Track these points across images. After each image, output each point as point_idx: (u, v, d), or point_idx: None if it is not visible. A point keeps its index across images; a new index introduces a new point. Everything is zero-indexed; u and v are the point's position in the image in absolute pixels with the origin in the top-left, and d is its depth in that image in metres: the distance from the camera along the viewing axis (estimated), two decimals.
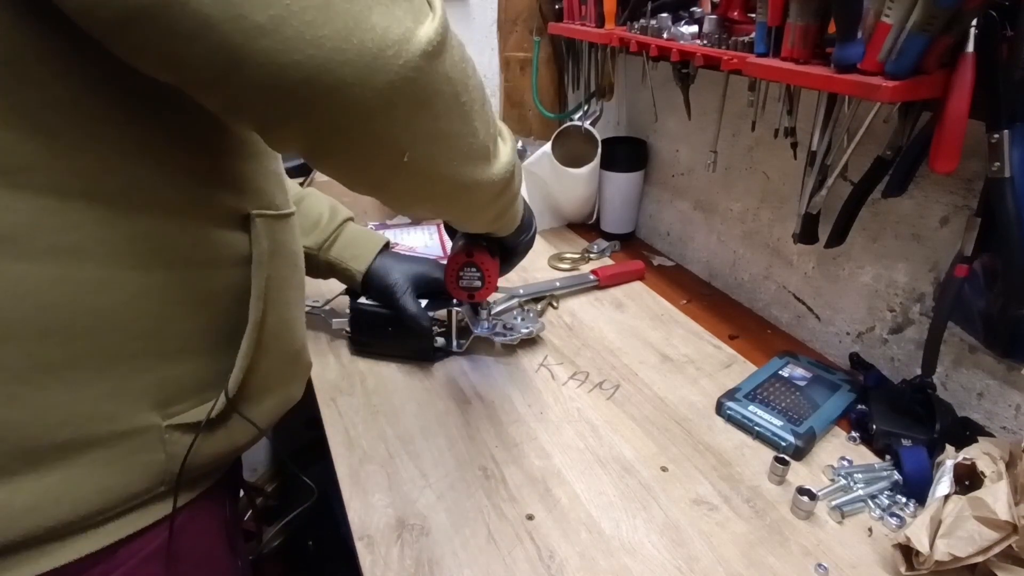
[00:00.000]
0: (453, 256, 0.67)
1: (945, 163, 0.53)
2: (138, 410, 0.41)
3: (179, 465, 0.44)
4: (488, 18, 1.26)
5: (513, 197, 0.55)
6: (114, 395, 0.40)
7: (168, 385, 0.43)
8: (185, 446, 0.44)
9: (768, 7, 0.60)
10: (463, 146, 0.42)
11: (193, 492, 0.47)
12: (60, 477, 0.38)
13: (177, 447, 0.44)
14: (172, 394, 0.43)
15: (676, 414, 0.70)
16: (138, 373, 0.41)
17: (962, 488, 0.52)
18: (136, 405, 0.41)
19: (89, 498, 0.39)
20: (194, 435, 0.44)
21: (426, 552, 0.54)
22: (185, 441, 0.44)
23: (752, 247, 0.93)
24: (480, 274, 0.67)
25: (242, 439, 0.50)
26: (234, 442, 0.49)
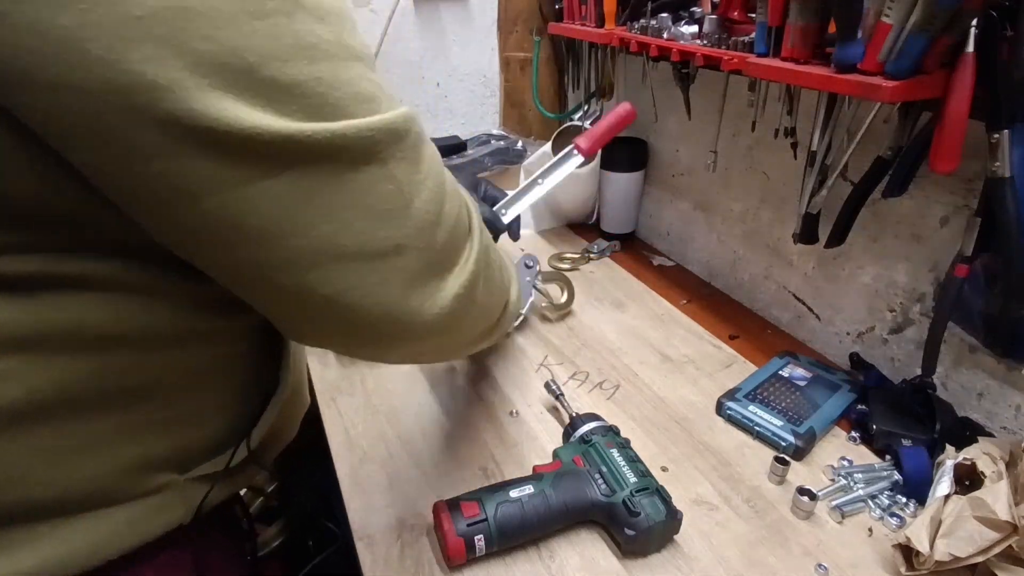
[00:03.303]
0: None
1: (945, 163, 0.53)
2: (161, 472, 0.42)
3: (195, 510, 0.45)
4: (488, 18, 1.26)
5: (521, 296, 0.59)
6: (140, 463, 0.41)
7: (191, 445, 0.44)
8: (202, 493, 0.45)
9: (768, 7, 0.60)
10: (483, 333, 0.48)
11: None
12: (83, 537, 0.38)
13: (194, 498, 0.45)
14: (194, 453, 0.45)
15: (676, 414, 0.70)
16: (164, 439, 0.42)
17: (962, 488, 0.52)
18: (159, 468, 0.42)
19: (108, 552, 0.40)
20: (211, 484, 0.45)
21: (426, 552, 0.54)
22: (202, 490, 0.45)
23: (752, 247, 0.93)
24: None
25: (251, 479, 0.51)
26: (244, 483, 0.51)
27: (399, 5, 1.15)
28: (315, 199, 0.31)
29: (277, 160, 0.29)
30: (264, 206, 0.30)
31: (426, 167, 0.36)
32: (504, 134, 1.28)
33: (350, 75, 0.31)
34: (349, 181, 0.32)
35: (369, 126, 0.32)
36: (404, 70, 1.23)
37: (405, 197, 0.34)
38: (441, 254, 0.37)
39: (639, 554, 0.53)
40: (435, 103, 1.29)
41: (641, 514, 0.52)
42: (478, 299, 0.41)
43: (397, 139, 0.34)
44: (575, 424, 0.63)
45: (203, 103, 0.27)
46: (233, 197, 0.30)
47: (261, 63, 0.28)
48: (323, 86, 0.30)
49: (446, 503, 0.53)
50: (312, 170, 0.30)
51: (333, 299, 0.34)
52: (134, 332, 0.37)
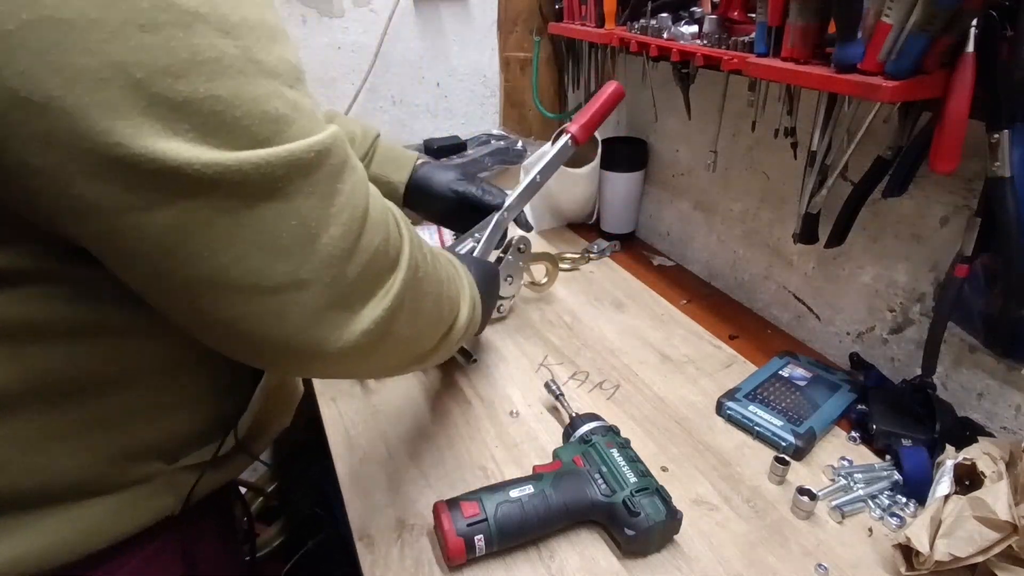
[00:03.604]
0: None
1: (945, 163, 0.53)
2: (147, 460, 0.42)
3: (184, 499, 0.45)
4: (488, 18, 1.25)
5: (477, 321, 0.57)
6: (124, 451, 0.41)
7: (175, 434, 0.44)
8: (190, 482, 0.45)
9: (768, 7, 0.60)
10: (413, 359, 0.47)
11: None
12: (69, 527, 0.39)
13: (183, 487, 0.45)
14: (179, 443, 0.44)
15: (676, 414, 0.70)
16: (147, 427, 0.42)
17: (962, 488, 0.52)
18: (145, 456, 0.42)
19: (97, 542, 0.40)
20: (199, 473, 0.45)
21: (426, 552, 0.54)
22: (191, 479, 0.45)
23: (752, 247, 0.93)
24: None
25: (242, 469, 0.51)
26: (235, 473, 0.50)
27: (399, 5, 1.15)
28: (208, 232, 0.29)
29: (166, 190, 0.28)
30: (153, 235, 0.29)
31: (342, 199, 0.33)
32: (504, 134, 1.28)
33: (256, 93, 0.29)
34: (245, 216, 0.30)
35: (269, 159, 0.29)
36: (404, 70, 1.22)
37: (311, 232, 0.32)
38: (352, 287, 0.35)
39: (639, 554, 0.53)
40: (435, 103, 1.29)
41: (641, 514, 0.52)
42: (398, 331, 0.39)
43: (303, 173, 0.31)
44: (575, 424, 0.63)
45: (85, 123, 0.25)
46: (121, 223, 0.28)
47: (150, 79, 0.26)
48: (221, 104, 0.28)
49: (446, 503, 0.53)
50: (203, 203, 0.29)
51: (230, 325, 0.33)
52: (100, 323, 0.37)
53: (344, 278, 0.34)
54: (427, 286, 0.43)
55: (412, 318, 0.41)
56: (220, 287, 0.31)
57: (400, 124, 1.27)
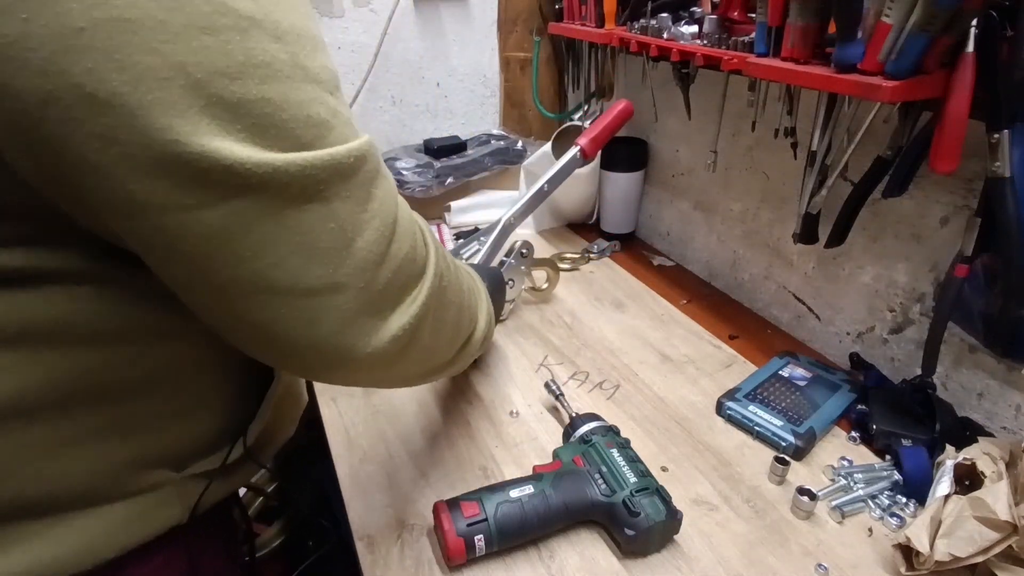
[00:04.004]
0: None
1: (945, 163, 0.53)
2: (156, 468, 0.42)
3: (191, 508, 0.44)
4: (488, 18, 1.25)
5: (492, 333, 0.58)
6: (134, 459, 0.40)
7: (185, 442, 0.44)
8: (198, 491, 0.45)
9: (768, 7, 0.60)
10: (434, 368, 0.48)
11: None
12: (78, 536, 0.38)
13: (190, 496, 0.44)
14: (189, 450, 0.44)
15: (676, 414, 0.70)
16: (158, 435, 0.42)
17: (962, 488, 0.52)
18: (155, 464, 0.42)
19: (105, 552, 0.40)
20: (207, 481, 0.45)
21: (426, 552, 0.54)
22: (198, 487, 0.45)
23: (752, 247, 0.93)
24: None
25: (248, 478, 0.51)
26: (241, 482, 0.50)
27: (399, 5, 1.15)
28: (251, 233, 0.30)
29: (216, 189, 0.28)
30: (198, 234, 0.29)
31: (375, 205, 0.35)
32: (504, 134, 1.28)
33: (301, 97, 0.30)
34: (288, 218, 0.31)
35: (313, 162, 0.30)
36: (404, 70, 1.22)
37: (347, 237, 0.33)
38: (383, 294, 0.36)
39: (639, 554, 0.53)
40: (435, 103, 1.29)
41: (641, 514, 0.52)
42: (423, 339, 0.40)
43: (343, 177, 0.32)
44: (575, 424, 0.63)
45: (146, 120, 0.26)
46: (169, 221, 0.29)
47: (208, 79, 0.27)
48: (271, 107, 0.29)
49: (446, 503, 0.53)
50: (251, 203, 0.29)
51: (263, 327, 0.33)
52: (124, 327, 0.37)
53: (376, 283, 0.35)
54: (451, 295, 0.44)
55: (437, 326, 0.42)
56: (259, 289, 0.32)
57: (400, 124, 1.27)
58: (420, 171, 1.12)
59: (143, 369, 0.39)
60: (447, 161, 1.15)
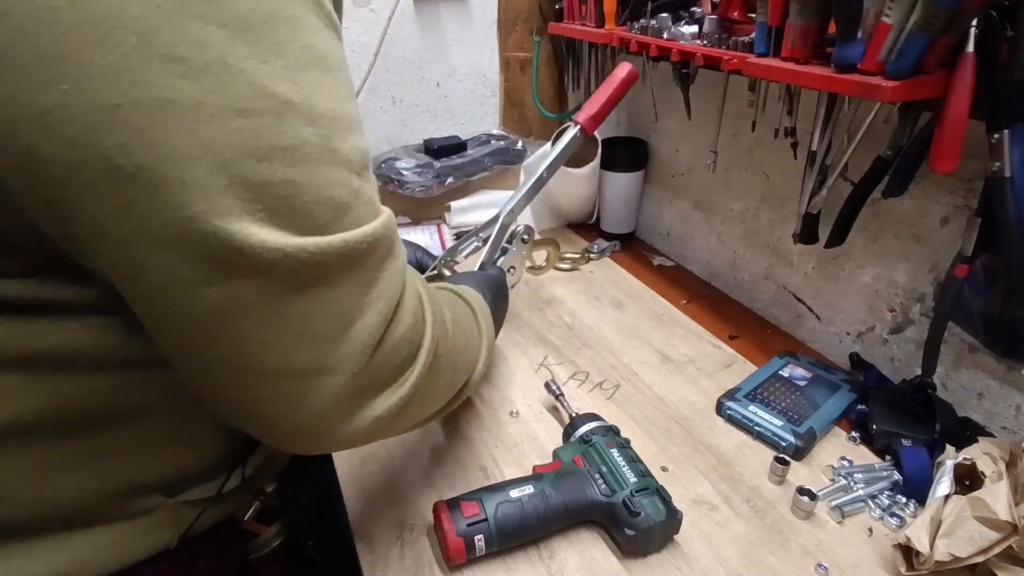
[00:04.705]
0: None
1: (945, 163, 0.53)
2: (149, 494, 0.42)
3: (182, 533, 0.44)
4: (488, 18, 1.25)
5: (490, 364, 0.57)
6: (128, 484, 0.40)
7: (181, 468, 0.43)
8: (191, 517, 0.44)
9: (768, 7, 0.60)
10: (420, 423, 0.47)
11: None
12: (65, 557, 0.38)
13: (183, 521, 0.44)
14: (184, 477, 0.44)
15: (676, 414, 0.70)
16: (153, 461, 0.41)
17: (962, 488, 0.52)
18: (148, 490, 0.41)
19: (90, 574, 0.39)
20: (201, 508, 0.45)
21: (426, 552, 0.54)
22: (192, 514, 0.44)
23: (752, 247, 0.93)
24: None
25: (243, 505, 0.51)
26: (234, 508, 0.50)
27: (399, 5, 1.15)
28: (248, 315, 0.30)
29: (222, 267, 0.28)
30: (195, 310, 0.29)
31: (381, 288, 0.34)
32: (504, 134, 1.28)
33: (325, 180, 0.30)
34: (288, 302, 0.30)
35: (325, 248, 0.30)
36: (404, 70, 1.22)
37: (345, 321, 0.32)
38: (374, 376, 0.35)
39: (639, 554, 0.53)
40: (435, 103, 1.29)
41: (641, 514, 0.52)
42: (409, 414, 0.39)
43: (352, 263, 0.32)
44: (575, 424, 0.63)
45: (166, 196, 0.26)
46: (169, 293, 0.29)
47: (235, 160, 0.27)
48: (294, 189, 0.29)
49: (446, 503, 0.53)
50: (254, 284, 0.29)
51: (244, 405, 0.33)
52: (127, 354, 0.37)
53: (369, 367, 0.34)
54: (445, 362, 0.42)
55: (426, 398, 0.41)
56: (246, 370, 0.31)
57: (400, 124, 1.27)
58: (420, 171, 1.12)
59: (143, 396, 0.39)
60: (447, 161, 1.15)
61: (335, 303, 0.32)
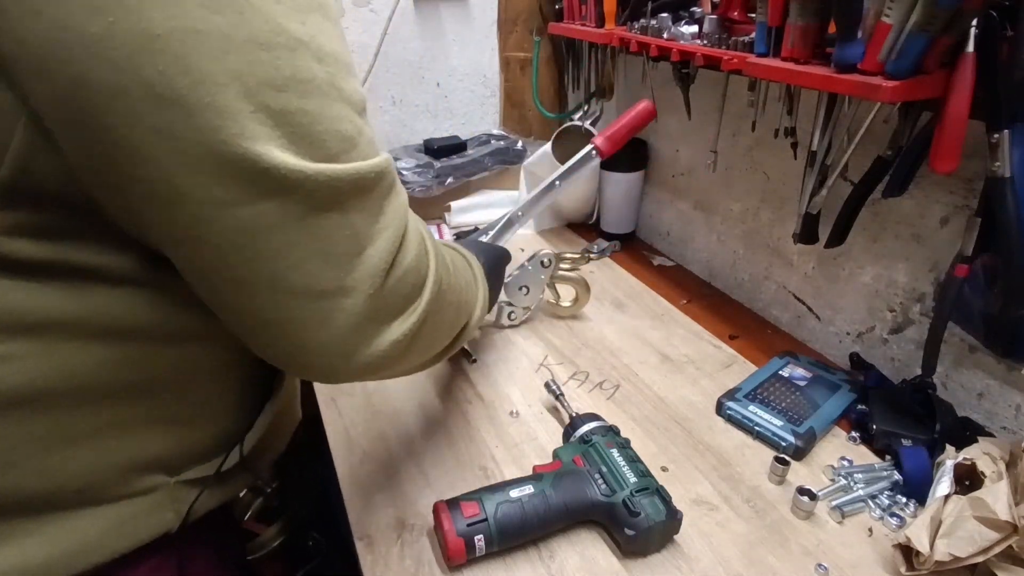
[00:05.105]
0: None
1: (945, 163, 0.53)
2: (151, 472, 0.43)
3: (183, 516, 0.45)
4: (488, 18, 1.25)
5: (485, 317, 0.59)
6: (131, 461, 0.41)
7: (183, 446, 0.45)
8: (191, 497, 0.45)
9: (768, 7, 0.60)
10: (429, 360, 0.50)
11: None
12: (71, 537, 0.39)
13: (183, 502, 0.45)
14: (185, 455, 0.45)
15: (676, 414, 0.70)
16: (156, 438, 0.42)
17: (962, 488, 0.52)
18: (150, 468, 0.43)
19: (96, 557, 0.40)
20: (200, 489, 0.46)
21: (426, 552, 0.54)
22: (191, 494, 0.45)
23: (752, 247, 0.93)
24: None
25: (241, 488, 0.51)
26: (234, 491, 0.51)
27: (399, 5, 1.15)
28: (275, 233, 0.32)
29: (252, 188, 0.31)
30: (229, 228, 0.32)
31: (387, 218, 0.37)
32: (504, 134, 1.28)
33: (334, 113, 0.33)
34: (309, 223, 0.33)
35: (339, 174, 0.33)
36: (404, 70, 1.22)
37: (359, 244, 0.35)
38: (387, 300, 0.38)
39: (639, 554, 0.53)
40: (435, 103, 1.29)
41: (641, 514, 0.52)
42: (421, 341, 0.42)
43: (362, 191, 0.35)
44: (575, 424, 0.63)
45: (201, 120, 0.29)
46: (203, 214, 0.31)
47: (258, 88, 0.30)
48: (308, 118, 0.32)
49: (446, 503, 0.53)
50: (279, 205, 0.32)
51: (274, 325, 0.35)
52: (138, 326, 0.38)
53: (383, 290, 0.37)
54: (449, 296, 0.46)
55: (434, 328, 0.44)
56: (275, 289, 0.34)
57: (400, 124, 1.27)
58: (420, 171, 1.12)
59: (150, 371, 0.40)
60: (447, 161, 1.15)
61: (349, 226, 0.35)
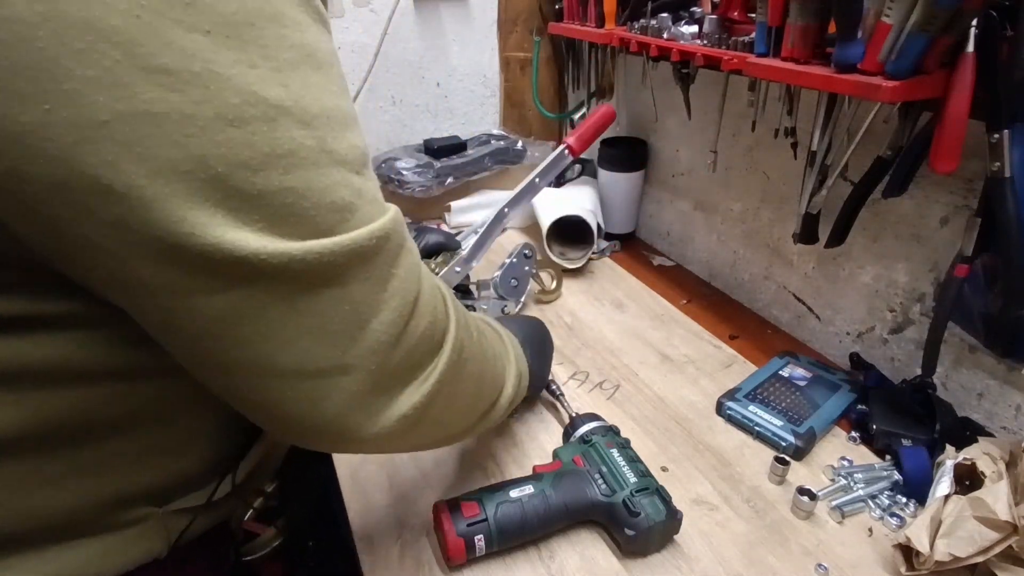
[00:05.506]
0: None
1: (945, 163, 0.53)
2: (138, 505, 0.41)
3: (172, 542, 0.43)
4: (488, 18, 1.25)
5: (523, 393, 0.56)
6: (117, 495, 0.39)
7: (171, 477, 0.42)
8: (181, 526, 0.43)
9: (768, 7, 0.60)
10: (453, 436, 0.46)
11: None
12: (53, 568, 0.37)
13: (173, 530, 0.43)
14: (174, 486, 0.43)
15: (676, 414, 0.70)
16: (142, 471, 0.40)
17: (962, 488, 0.52)
18: (137, 501, 0.41)
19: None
20: (191, 517, 0.44)
21: (426, 552, 0.54)
22: (182, 523, 0.43)
23: (752, 247, 0.93)
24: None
25: (232, 512, 0.50)
26: (226, 515, 0.49)
27: (399, 5, 1.15)
28: (260, 318, 0.29)
29: (228, 277, 0.28)
30: (205, 316, 0.29)
31: (396, 283, 0.33)
32: (504, 134, 1.28)
33: (325, 183, 0.29)
34: (300, 303, 0.30)
35: (333, 249, 0.29)
36: (404, 70, 1.23)
37: (361, 319, 0.32)
38: (394, 373, 0.35)
39: (639, 554, 0.53)
40: (435, 103, 1.29)
41: (641, 514, 0.52)
42: (435, 415, 0.39)
43: (363, 260, 0.31)
44: (575, 424, 0.63)
45: (161, 212, 0.26)
46: (175, 304, 0.28)
47: (229, 172, 0.26)
48: (292, 196, 0.28)
49: (446, 503, 0.53)
50: (262, 289, 0.29)
51: (265, 407, 0.33)
52: (116, 365, 0.36)
53: (388, 364, 0.34)
54: (471, 367, 0.42)
55: (450, 401, 0.40)
56: (263, 371, 0.31)
57: (400, 124, 1.27)
58: (420, 171, 1.12)
59: (129, 406, 0.38)
60: (447, 161, 1.15)
61: (349, 301, 0.31)
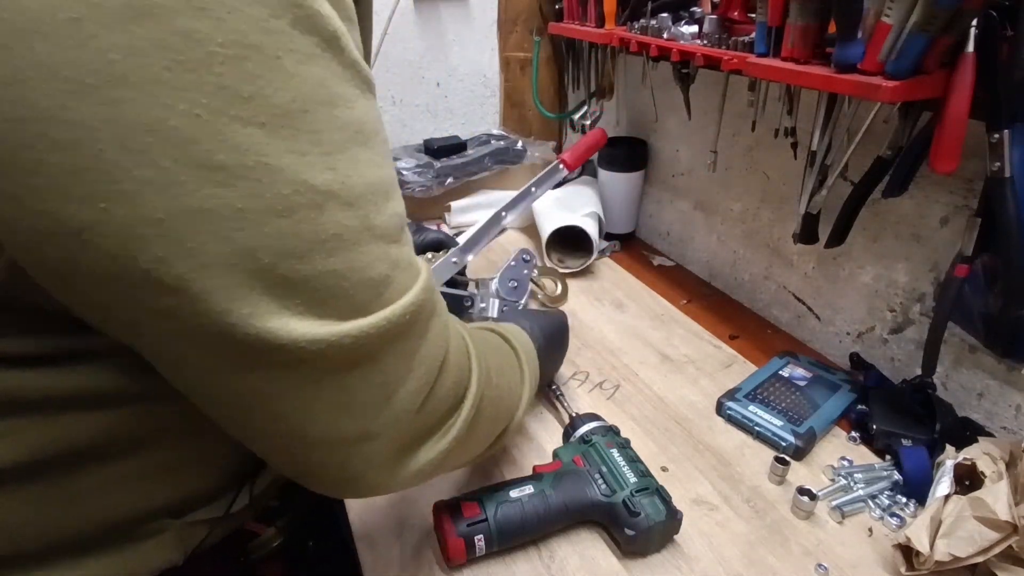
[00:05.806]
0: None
1: (945, 163, 0.53)
2: (158, 517, 0.41)
3: (188, 552, 0.43)
4: (488, 18, 1.26)
5: (529, 407, 0.56)
6: (135, 511, 0.40)
7: (189, 492, 0.43)
8: (199, 537, 0.44)
9: (768, 7, 0.60)
10: (466, 460, 0.47)
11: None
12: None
13: (190, 542, 0.43)
14: (192, 499, 0.43)
15: (676, 414, 0.70)
16: (161, 487, 0.41)
17: (962, 488, 0.52)
18: (157, 514, 0.41)
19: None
20: (208, 529, 0.44)
21: (426, 552, 0.54)
22: (200, 534, 0.44)
23: (752, 247, 0.93)
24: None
25: (248, 519, 0.51)
26: (241, 522, 0.50)
27: (399, 5, 1.15)
28: (294, 397, 0.30)
29: (267, 362, 0.28)
30: (238, 392, 0.30)
31: (423, 352, 0.34)
32: (504, 134, 1.28)
33: (366, 261, 0.30)
34: (334, 382, 0.30)
35: (367, 330, 0.30)
36: (404, 70, 1.23)
37: (389, 389, 0.33)
38: (416, 434, 0.36)
39: (639, 554, 0.53)
40: (435, 103, 1.29)
41: (641, 514, 0.52)
42: (450, 462, 0.40)
43: (397, 336, 0.32)
44: (575, 424, 0.63)
45: (207, 304, 0.26)
46: (210, 378, 0.29)
47: (275, 263, 0.27)
48: (334, 278, 0.28)
49: (446, 503, 0.53)
50: (296, 372, 0.29)
51: (288, 465, 0.34)
52: (139, 390, 0.36)
53: (411, 428, 0.35)
54: (487, 411, 0.43)
55: (466, 448, 0.41)
56: (288, 439, 0.32)
57: (400, 124, 1.27)
58: (420, 171, 1.12)
59: (154, 425, 0.38)
60: (447, 161, 1.15)
61: (379, 375, 0.32)
